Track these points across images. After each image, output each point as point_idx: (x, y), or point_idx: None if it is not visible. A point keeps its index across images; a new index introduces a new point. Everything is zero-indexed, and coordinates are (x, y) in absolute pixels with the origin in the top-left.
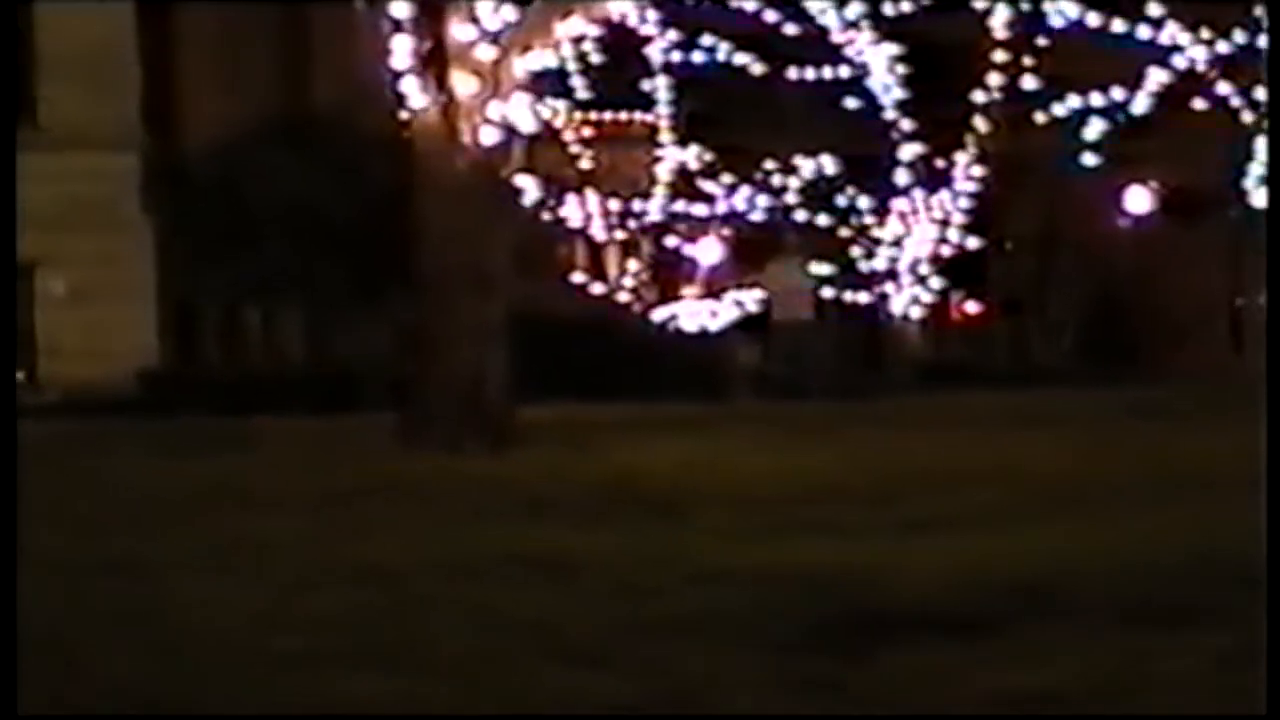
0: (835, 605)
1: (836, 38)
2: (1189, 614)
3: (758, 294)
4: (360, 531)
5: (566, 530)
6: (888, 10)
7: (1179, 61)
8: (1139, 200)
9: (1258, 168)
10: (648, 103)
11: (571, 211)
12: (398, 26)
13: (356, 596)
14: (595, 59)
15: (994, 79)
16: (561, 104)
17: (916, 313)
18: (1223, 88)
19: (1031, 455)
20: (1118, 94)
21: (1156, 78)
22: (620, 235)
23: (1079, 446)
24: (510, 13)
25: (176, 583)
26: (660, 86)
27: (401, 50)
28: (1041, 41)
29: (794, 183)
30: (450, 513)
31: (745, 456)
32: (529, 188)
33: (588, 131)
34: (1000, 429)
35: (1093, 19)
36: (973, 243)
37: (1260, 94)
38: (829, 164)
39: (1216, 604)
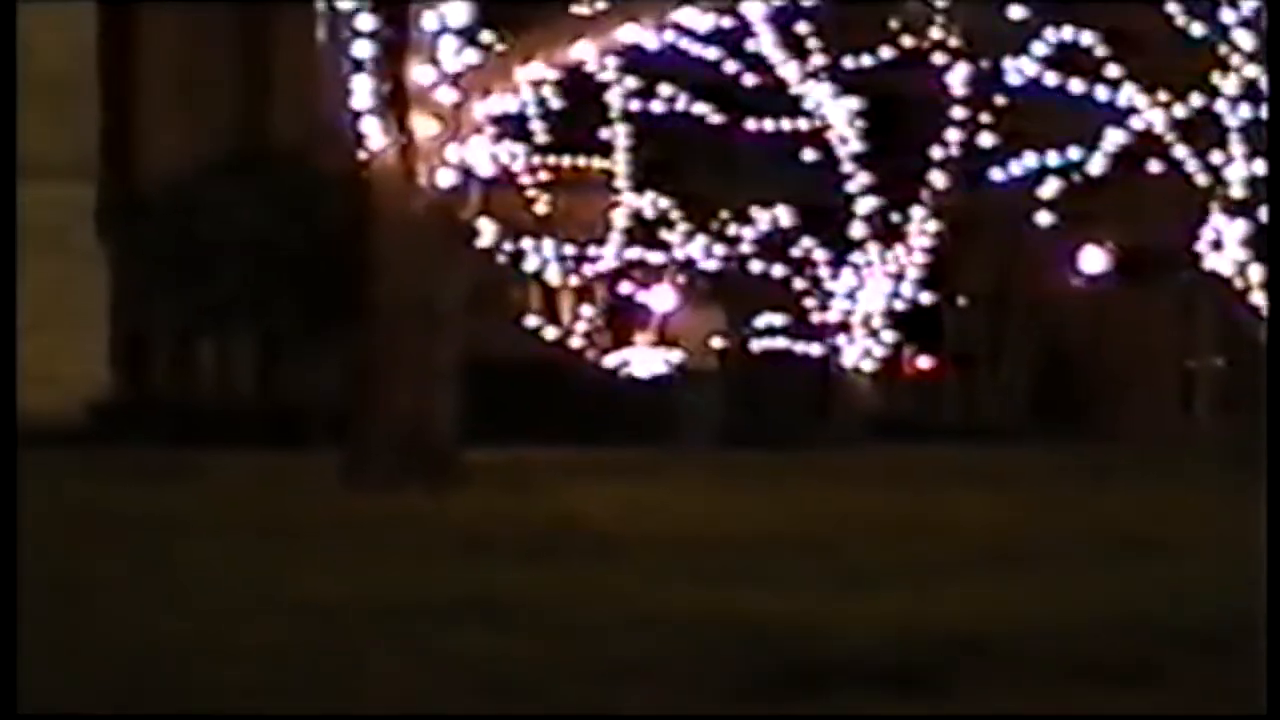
0: (773, 655)
1: (796, 89)
2: (1129, 673)
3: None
4: (296, 566)
5: (505, 571)
6: (848, 63)
7: (1136, 123)
8: (1093, 259)
9: (1210, 232)
10: (606, 149)
11: (527, 255)
12: (359, 66)
13: (291, 630)
14: (555, 104)
15: (952, 135)
16: (520, 148)
17: (868, 365)
18: (1179, 151)
19: (975, 511)
20: (1074, 153)
21: (1113, 138)
22: (575, 280)
23: (1022, 503)
24: (471, 56)
25: (108, 605)
26: (619, 133)
27: (362, 90)
28: (999, 100)
29: (749, 233)
30: (388, 551)
31: (689, 502)
32: (485, 230)
33: (545, 176)
34: (945, 484)
35: (1050, 78)
36: (926, 297)
37: (1216, 158)
38: (785, 215)
39: (1157, 663)
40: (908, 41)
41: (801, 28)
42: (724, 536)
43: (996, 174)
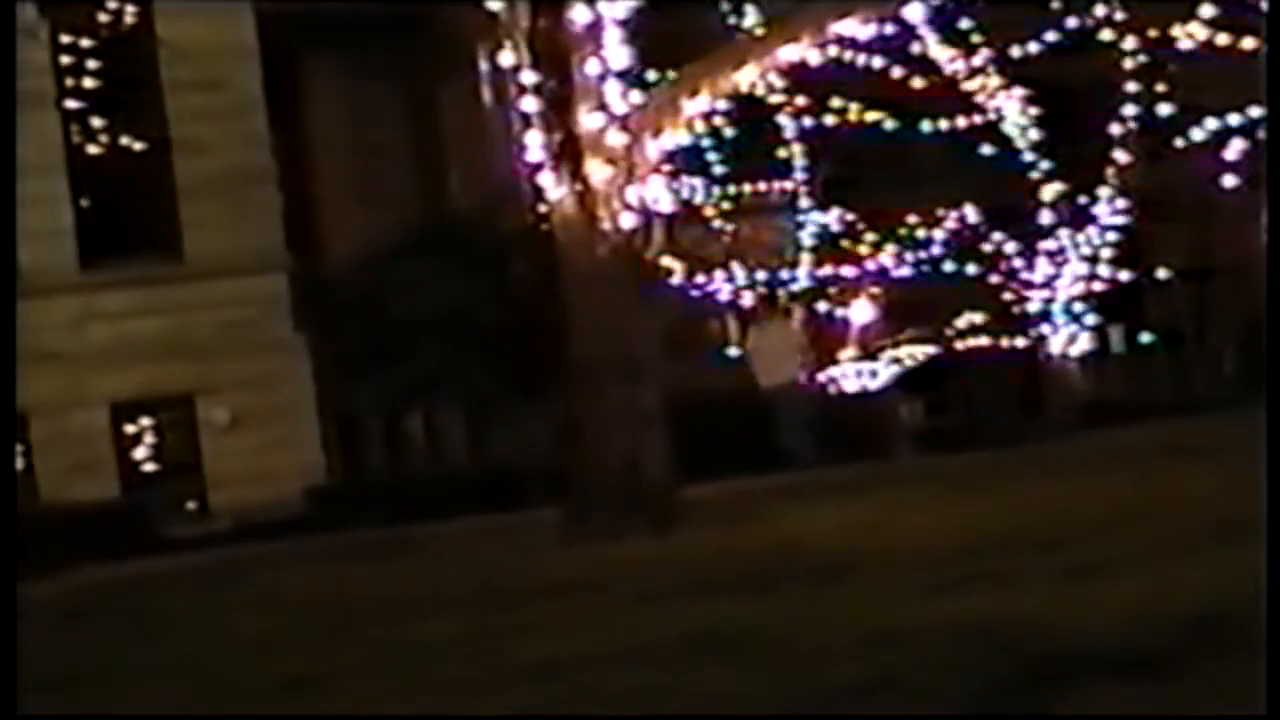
0: (1013, 655)
1: (966, 86)
2: None
3: (919, 350)
4: (526, 628)
5: (736, 605)
6: (1015, 53)
7: None
8: None
9: None
10: (784, 170)
11: (719, 286)
12: (528, 122)
13: (531, 693)
14: (728, 132)
15: (1129, 110)
16: (699, 181)
17: (1075, 351)
18: None
19: (1196, 488)
20: (1255, 112)
21: None
22: (770, 305)
23: (1243, 475)
24: (638, 96)
25: (349, 693)
26: (795, 153)
27: (534, 145)
28: (1172, 68)
29: (938, 235)
30: (616, 600)
31: (909, 514)
32: (675, 267)
33: (727, 205)
34: (1163, 464)
35: (1222, 39)
36: (1125, 276)
37: None
38: (971, 212)
39: None
40: (1072, 22)
41: (964, 23)
42: (949, 544)
43: (1179, 143)
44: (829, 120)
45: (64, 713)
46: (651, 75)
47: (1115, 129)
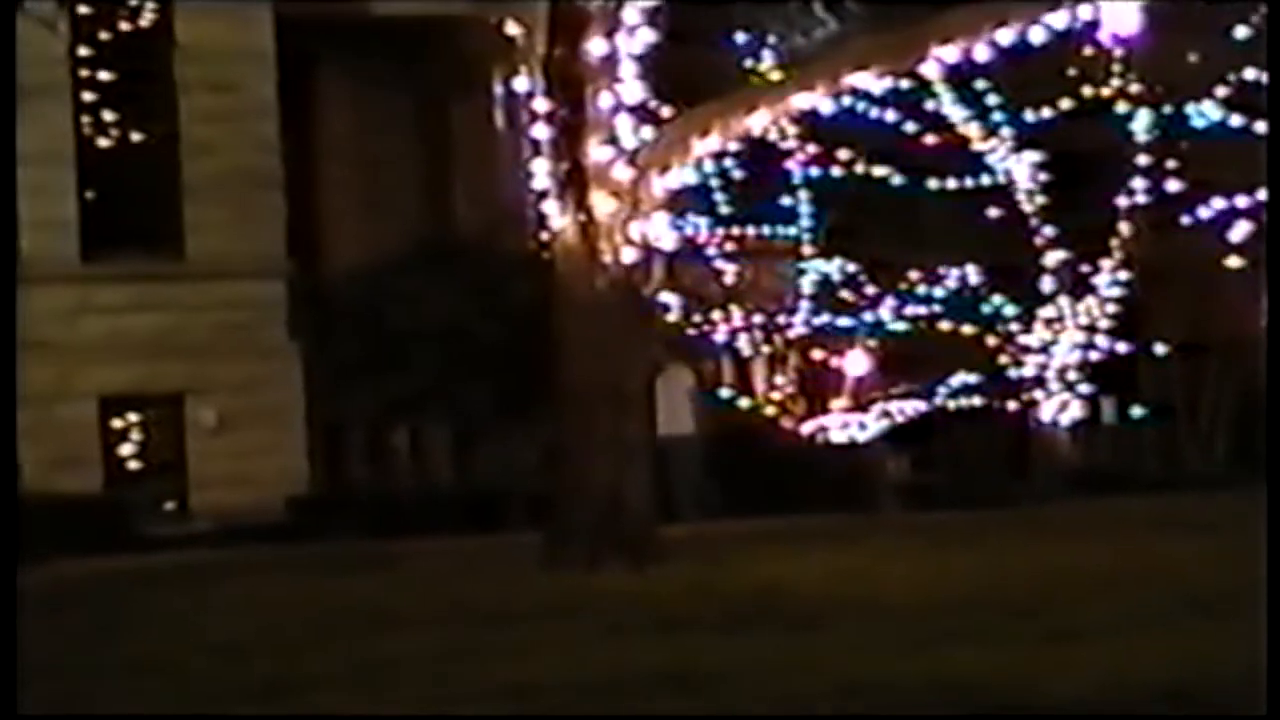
0: (979, 713)
1: (977, 146)
2: None
3: (910, 405)
4: (500, 650)
5: (707, 644)
6: (1028, 117)
7: None
8: None
9: None
10: (789, 216)
11: (716, 326)
12: (537, 149)
13: (496, 714)
14: (736, 174)
15: (1137, 183)
16: (703, 220)
17: (1065, 419)
18: None
19: (1176, 561)
20: (1263, 195)
21: None
22: (766, 349)
23: (1223, 552)
24: (648, 132)
25: (317, 701)
26: (801, 200)
27: (541, 172)
28: (1184, 145)
29: (938, 292)
30: (588, 631)
31: (890, 566)
32: (672, 303)
33: (730, 246)
34: (1146, 535)
35: (1235, 120)
36: (1122, 348)
37: None
38: (973, 273)
39: None
40: (1088, 91)
41: (979, 84)
42: (926, 599)
43: (1185, 220)
44: (837, 170)
45: (33, 706)
46: (664, 111)
47: (1123, 201)
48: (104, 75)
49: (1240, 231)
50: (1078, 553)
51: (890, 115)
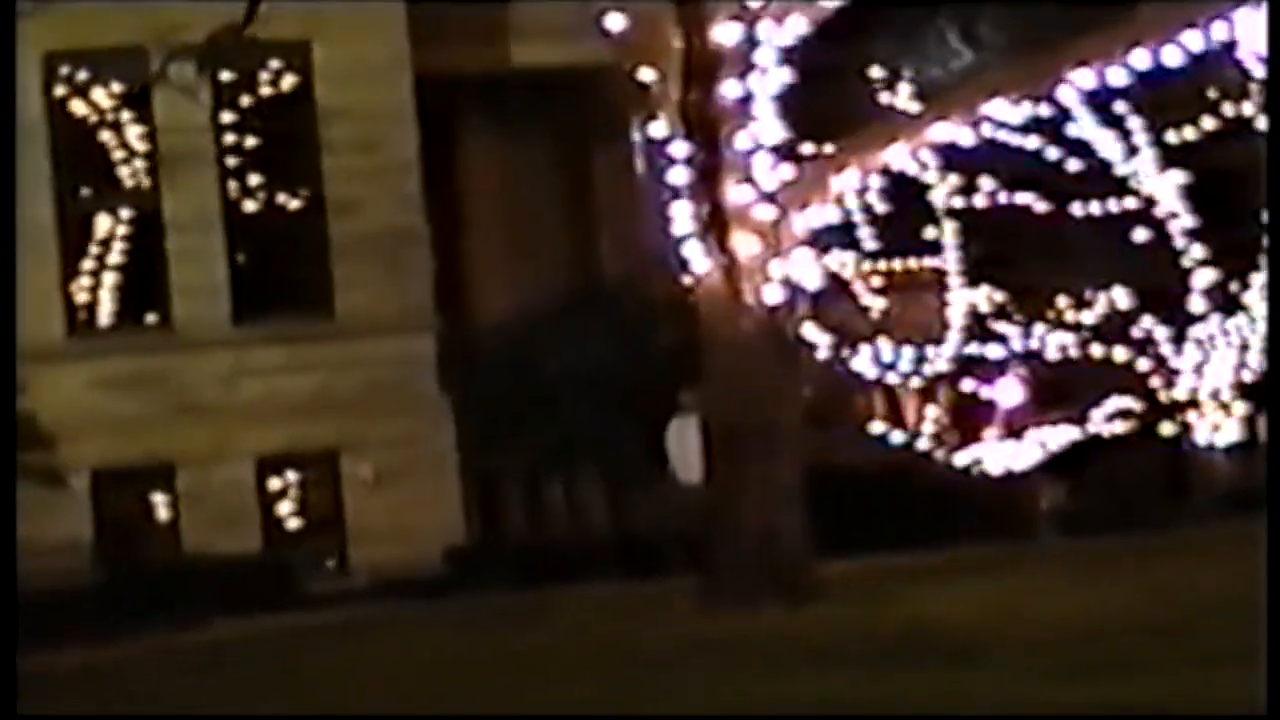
0: None
1: (1120, 170)
2: None
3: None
4: (660, 692)
5: (863, 681)
6: (1170, 138)
7: None
8: None
9: None
10: (935, 248)
11: (865, 361)
12: (676, 193)
13: None
14: (879, 208)
15: None
16: (849, 255)
17: (1221, 440)
18: None
19: None
20: None
21: None
22: (917, 381)
23: None
24: (787, 170)
25: None
26: (946, 231)
27: (682, 216)
28: None
29: (1087, 317)
30: (746, 670)
31: (1045, 596)
32: (820, 341)
33: (877, 281)
34: None
35: None
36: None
37: None
38: (1122, 296)
39: None
40: (1229, 110)
41: (1120, 107)
42: (1082, 629)
43: None
44: (980, 200)
45: None
46: (802, 149)
47: (1268, 217)
48: (249, 140)
49: None
50: (1237, 575)
51: (1031, 142)
